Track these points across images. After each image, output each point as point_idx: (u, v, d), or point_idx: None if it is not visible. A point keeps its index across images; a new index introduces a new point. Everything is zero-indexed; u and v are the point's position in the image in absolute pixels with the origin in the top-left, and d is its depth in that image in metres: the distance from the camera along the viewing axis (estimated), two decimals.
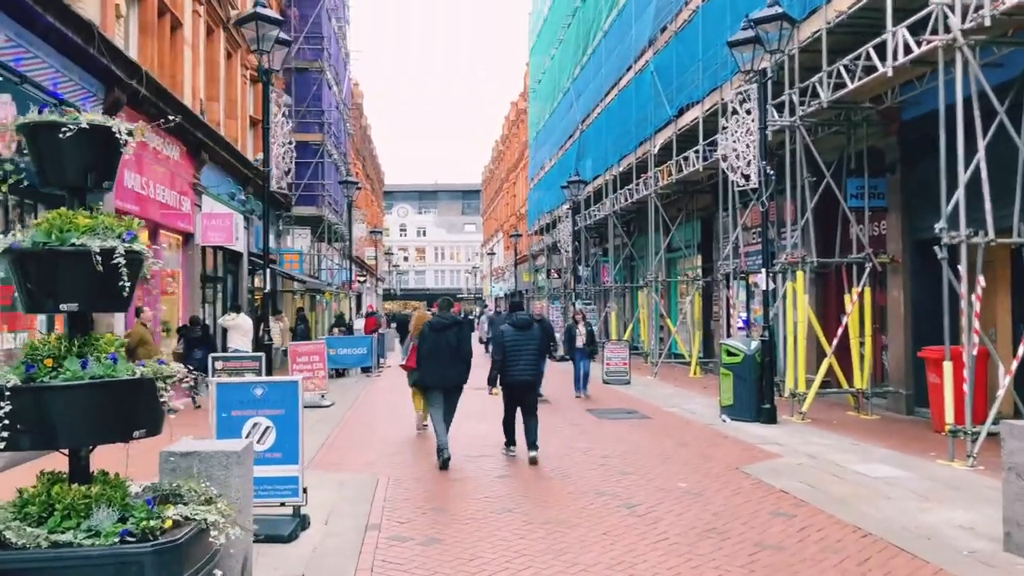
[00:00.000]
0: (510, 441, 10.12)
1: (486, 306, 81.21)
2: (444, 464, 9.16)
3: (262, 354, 10.69)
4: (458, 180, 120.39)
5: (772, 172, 13.00)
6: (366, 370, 22.67)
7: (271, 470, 6.52)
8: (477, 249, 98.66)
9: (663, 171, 20.37)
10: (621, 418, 13.13)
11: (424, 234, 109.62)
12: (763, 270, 12.71)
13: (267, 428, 6.56)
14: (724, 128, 13.53)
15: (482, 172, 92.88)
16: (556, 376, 16.53)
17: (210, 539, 3.87)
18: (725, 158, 13.47)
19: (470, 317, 34.72)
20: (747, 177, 13.02)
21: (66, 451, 3.94)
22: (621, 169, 24.17)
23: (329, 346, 21.63)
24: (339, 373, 22.16)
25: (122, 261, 3.87)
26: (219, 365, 10.63)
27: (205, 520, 3.88)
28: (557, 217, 34.86)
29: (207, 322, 17.64)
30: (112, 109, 12.21)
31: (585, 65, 29.43)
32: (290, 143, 13.38)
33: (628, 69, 23.45)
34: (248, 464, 5.31)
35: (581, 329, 16.49)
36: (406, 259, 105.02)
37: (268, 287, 13.03)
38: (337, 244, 35.29)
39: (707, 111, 17.33)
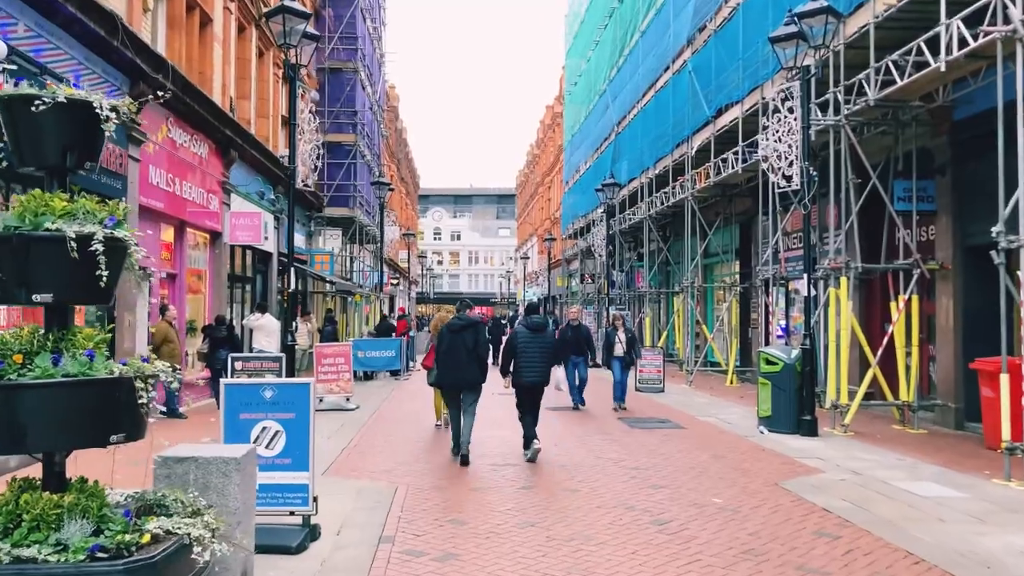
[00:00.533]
0: (529, 435, 10.03)
1: (519, 310, 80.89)
2: (464, 461, 9.48)
3: (283, 355, 10.38)
4: (493, 184, 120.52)
5: (815, 173, 12.44)
6: (395, 373, 22.38)
7: (280, 477, 6.18)
8: (511, 253, 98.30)
9: (700, 174, 19.85)
10: (654, 427, 12.63)
11: (458, 238, 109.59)
12: (805, 276, 12.15)
13: (277, 432, 6.21)
14: (765, 127, 12.99)
15: (517, 176, 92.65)
16: (591, 384, 15.96)
17: (193, 556, 3.51)
18: (766, 159, 12.93)
19: (503, 321, 34.28)
20: (789, 178, 12.47)
21: (40, 456, 3.62)
22: (657, 172, 23.65)
23: (357, 348, 21.47)
24: (367, 376, 21.92)
25: (100, 248, 3.52)
26: (239, 365, 10.36)
27: (188, 535, 3.53)
28: (592, 221, 34.37)
29: (234, 322, 17.48)
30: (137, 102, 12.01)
31: (621, 67, 28.96)
32: (318, 141, 13.09)
33: (665, 70, 22.94)
34: (251, 471, 4.97)
35: (620, 336, 15.38)
36: (440, 263, 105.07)
37: (293, 287, 12.72)
38: (370, 246, 35.11)
39: (747, 111, 16.78)
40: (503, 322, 35.32)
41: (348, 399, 15.07)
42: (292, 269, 12.60)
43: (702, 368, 21.37)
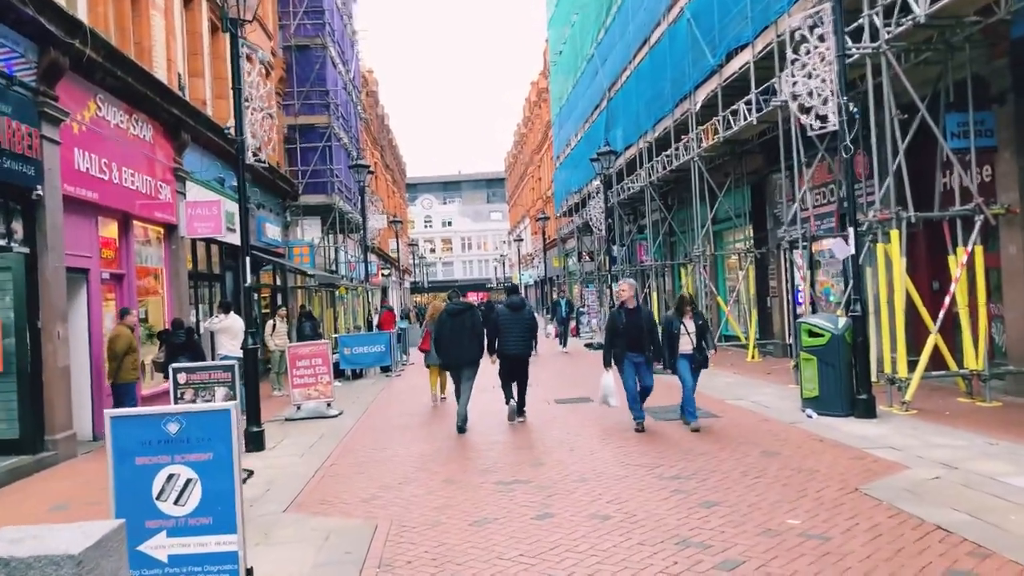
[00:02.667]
0: (508, 396, 11.57)
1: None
2: (461, 428, 10.68)
3: (235, 361, 8.57)
4: (482, 169, 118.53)
5: (856, 109, 10.60)
6: (385, 369, 20.59)
7: (197, 543, 4.38)
8: (504, 237, 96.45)
9: (707, 131, 17.98)
10: (677, 419, 10.82)
11: (449, 224, 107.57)
12: (850, 229, 10.32)
13: (189, 482, 4.40)
14: (793, 60, 11.11)
15: (505, 158, 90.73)
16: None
17: None
18: (795, 97, 11.06)
19: (496, 305, 32.64)
20: (824, 118, 10.61)
21: None
22: (656, 135, 21.78)
23: (343, 345, 19.69)
24: (356, 374, 20.13)
25: None
26: (181, 378, 8.53)
27: None
28: (587, 195, 32.51)
29: (200, 325, 15.63)
30: (50, 74, 10.13)
31: (609, 27, 27.01)
32: (271, 109, 11.21)
33: (659, 23, 21.02)
34: (112, 565, 3.13)
35: (688, 324, 10.19)
36: (432, 251, 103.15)
37: (248, 280, 10.85)
38: (354, 235, 33.17)
39: (759, 53, 14.92)
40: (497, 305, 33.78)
41: (329, 404, 13.26)
42: (247, 259, 10.71)
43: (718, 343, 19.55)
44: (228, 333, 13.08)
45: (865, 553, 5.12)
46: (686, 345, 10.18)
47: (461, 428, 10.64)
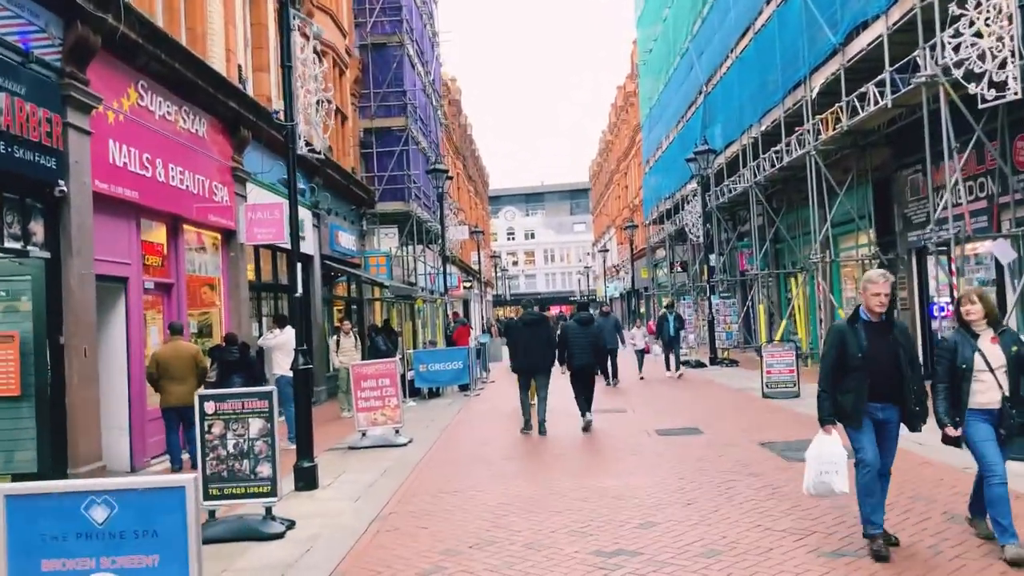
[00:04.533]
0: (581, 407, 12.14)
1: (601, 308, 76.24)
2: (541, 430, 11.66)
3: (272, 388, 7.02)
4: (565, 180, 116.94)
5: None
6: (464, 387, 19.00)
7: None
8: (588, 249, 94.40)
9: (825, 121, 15.78)
10: None
11: (532, 236, 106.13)
12: None
13: None
14: (958, 17, 9.01)
15: (589, 168, 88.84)
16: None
17: None
18: (959, 64, 8.97)
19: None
20: (1001, 85, 8.49)
21: None
22: (764, 128, 19.62)
23: (418, 361, 18.16)
24: (432, 392, 18.59)
25: None
26: (209, 408, 7.01)
27: None
28: (680, 200, 30.41)
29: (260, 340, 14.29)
30: (78, 53, 8.84)
31: (707, 17, 24.95)
32: (328, 94, 9.76)
33: (765, 5, 18.93)
34: None
35: (989, 351, 5.41)
36: (515, 263, 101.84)
37: (300, 290, 9.32)
38: (435, 246, 31.82)
39: (894, 25, 12.73)
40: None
41: (398, 431, 11.66)
42: (297, 266, 9.18)
43: None
44: (283, 350, 11.64)
45: None
46: (987, 392, 5.37)
47: (541, 431, 11.62)
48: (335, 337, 15.88)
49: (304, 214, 17.37)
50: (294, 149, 8.84)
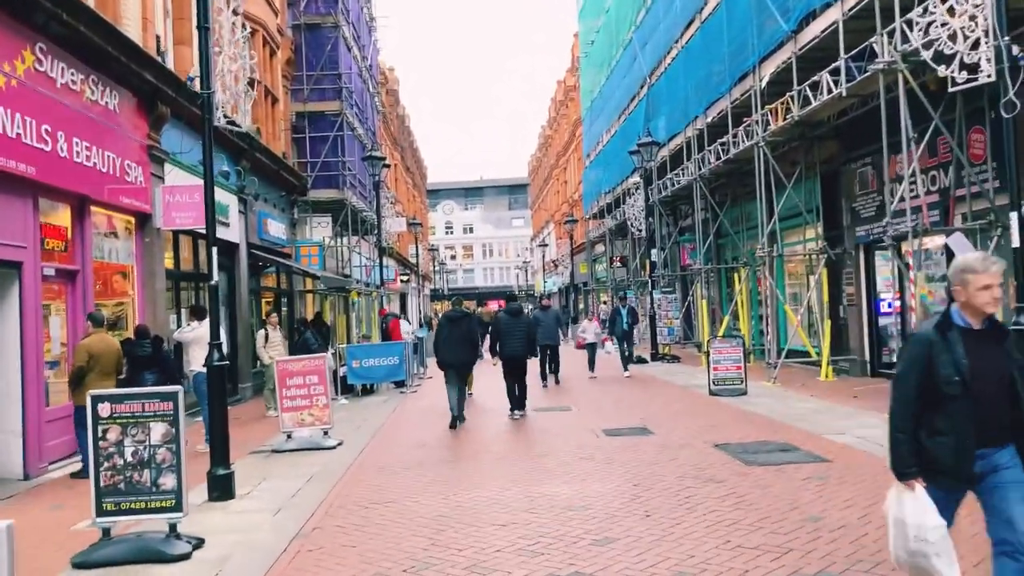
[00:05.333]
0: (511, 396, 12.71)
1: (542, 302, 75.55)
2: (453, 424, 11.84)
3: (178, 389, 6.12)
4: (503, 174, 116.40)
5: (1022, 54, 8.04)
6: (399, 384, 18.16)
7: None
8: (527, 244, 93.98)
9: (774, 111, 15.38)
10: (780, 463, 8.25)
11: (471, 231, 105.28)
12: (1013, 215, 7.74)
13: None
14: None
15: (528, 163, 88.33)
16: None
17: None
18: (928, 45, 8.53)
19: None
20: (973, 68, 8.06)
21: None
22: (709, 120, 19.21)
23: (352, 356, 17.26)
24: (366, 389, 17.72)
25: None
26: (103, 409, 6.08)
27: None
28: (621, 195, 30.02)
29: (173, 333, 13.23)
30: None
31: (651, 7, 24.51)
32: (250, 60, 8.82)
33: None
34: None
35: None
36: (453, 257, 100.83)
37: (216, 279, 8.40)
38: (371, 238, 30.79)
39: (850, 10, 12.32)
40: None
41: (326, 432, 10.80)
42: (214, 251, 8.27)
43: (781, 359, 16.82)
44: (201, 344, 10.63)
45: None
46: None
47: (453, 423, 11.88)
48: (262, 331, 14.89)
49: (229, 199, 16.33)
50: (210, 120, 7.89)
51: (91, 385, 9.22)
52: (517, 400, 12.66)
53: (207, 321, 10.92)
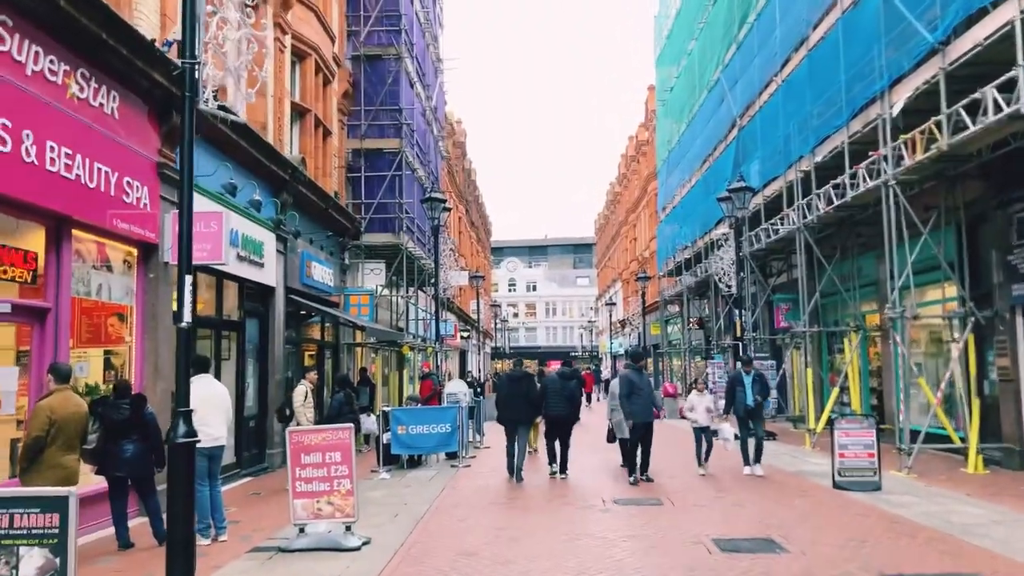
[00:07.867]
0: (552, 460, 13.36)
1: (600, 364, 72.76)
2: (518, 478, 12.75)
3: (68, 492, 3.73)
4: (568, 234, 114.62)
5: None
6: (452, 456, 15.64)
7: None
8: (591, 303, 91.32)
9: (914, 142, 12.68)
10: None
11: (534, 289, 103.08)
12: None
13: None
14: None
15: (595, 221, 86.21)
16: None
17: None
18: None
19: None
20: None
21: None
22: (818, 160, 16.54)
23: (396, 422, 14.76)
24: (413, 460, 15.24)
25: None
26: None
27: None
28: (704, 247, 27.34)
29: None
30: None
31: (743, 42, 22.14)
32: (249, 33, 6.66)
33: (830, 9, 16.05)
34: None
35: None
36: (515, 315, 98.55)
37: (186, 320, 6.07)
38: (429, 288, 28.59)
39: None
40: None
41: (349, 527, 8.30)
42: (186, 279, 5.96)
43: (917, 444, 13.72)
44: (209, 404, 8.32)
45: None
46: None
47: (518, 477, 12.74)
48: (301, 387, 12.53)
49: (264, 236, 14.25)
50: (191, 98, 5.66)
51: (50, 461, 7.15)
52: (560, 460, 13.17)
53: (205, 377, 8.68)
